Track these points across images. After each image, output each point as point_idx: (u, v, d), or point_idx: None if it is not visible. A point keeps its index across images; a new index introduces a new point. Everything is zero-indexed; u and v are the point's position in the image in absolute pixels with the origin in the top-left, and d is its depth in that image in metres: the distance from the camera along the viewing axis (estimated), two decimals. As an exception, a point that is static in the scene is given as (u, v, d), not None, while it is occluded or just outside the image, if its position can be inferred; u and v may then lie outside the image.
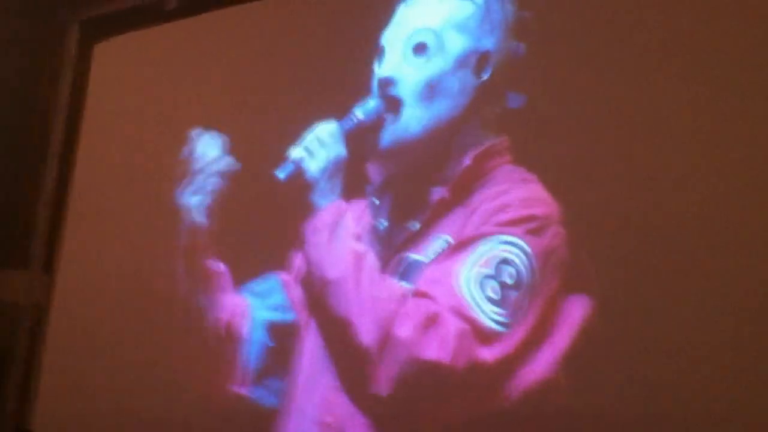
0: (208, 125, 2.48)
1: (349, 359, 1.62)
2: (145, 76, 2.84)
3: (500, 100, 1.75)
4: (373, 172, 1.81)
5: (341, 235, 1.64)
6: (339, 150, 1.70)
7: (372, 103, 1.75)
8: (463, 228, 1.67)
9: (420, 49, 1.74)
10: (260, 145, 2.29)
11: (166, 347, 2.40)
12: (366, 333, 1.57)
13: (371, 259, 1.63)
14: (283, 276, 1.97)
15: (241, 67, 2.50)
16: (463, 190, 1.72)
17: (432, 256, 1.69)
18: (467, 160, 1.71)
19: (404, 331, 1.56)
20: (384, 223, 1.80)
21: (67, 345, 2.79)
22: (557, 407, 1.59)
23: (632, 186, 1.63)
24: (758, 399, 1.44)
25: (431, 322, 1.56)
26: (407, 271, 1.71)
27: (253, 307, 1.96)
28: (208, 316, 1.97)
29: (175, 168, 2.50)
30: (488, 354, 1.56)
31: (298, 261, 1.94)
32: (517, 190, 1.67)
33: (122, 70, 2.94)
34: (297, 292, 1.90)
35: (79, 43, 3.11)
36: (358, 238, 1.65)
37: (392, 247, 1.75)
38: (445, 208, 1.72)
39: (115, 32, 2.99)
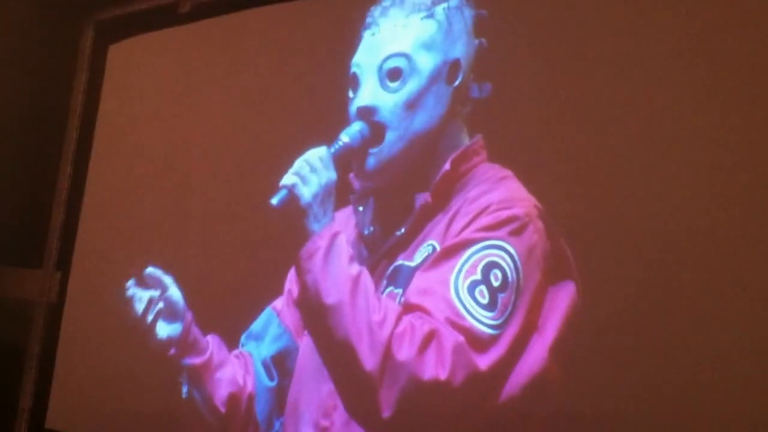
0: (219, 128, 2.51)
1: (352, 383, 1.64)
2: (159, 78, 2.86)
3: (470, 98, 1.82)
4: (355, 182, 1.84)
5: (335, 260, 1.64)
6: (330, 174, 1.71)
7: (356, 127, 1.78)
8: (446, 233, 1.70)
9: (394, 74, 1.77)
10: (269, 148, 2.32)
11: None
12: (367, 358, 1.58)
13: (366, 280, 1.64)
14: (276, 305, 1.99)
15: (254, 70, 2.52)
16: (444, 195, 1.75)
17: (419, 260, 1.72)
18: (447, 165, 1.75)
19: (403, 353, 1.57)
20: (370, 229, 1.83)
21: (81, 342, 2.81)
22: (552, 398, 1.63)
23: (607, 173, 1.70)
24: (745, 386, 1.50)
25: (428, 340, 1.57)
26: (395, 276, 1.74)
27: (254, 355, 1.98)
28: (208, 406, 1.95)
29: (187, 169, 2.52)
30: (483, 361, 1.58)
31: (288, 284, 1.97)
32: (495, 192, 1.70)
33: (136, 71, 2.95)
34: (290, 316, 1.94)
35: (93, 45, 3.13)
36: (352, 259, 1.66)
37: (379, 252, 1.79)
38: (428, 214, 1.75)
39: (130, 34, 3.01)
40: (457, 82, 1.79)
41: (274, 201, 1.66)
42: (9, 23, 3.19)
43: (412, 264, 1.74)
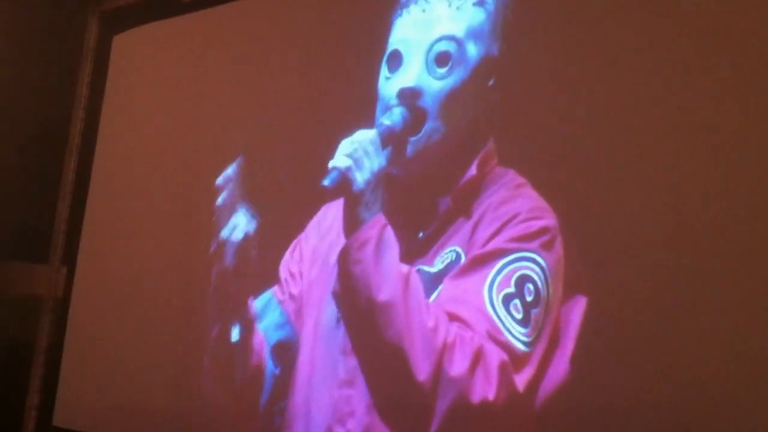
0: (225, 118, 2.47)
1: (398, 392, 1.57)
2: (164, 68, 2.83)
3: (499, 103, 1.76)
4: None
5: (387, 253, 1.56)
6: (381, 160, 1.63)
7: (398, 111, 1.69)
8: (471, 239, 1.64)
9: (443, 59, 1.69)
10: (275, 140, 2.28)
11: (184, 339, 2.39)
12: (419, 367, 1.50)
13: (416, 281, 1.56)
14: (277, 288, 1.94)
15: (259, 59, 2.48)
16: (466, 199, 1.69)
17: (440, 266, 1.66)
18: (473, 170, 1.69)
19: (455, 368, 1.50)
20: None
21: (88, 338, 2.80)
22: (574, 412, 1.59)
23: (620, 181, 1.63)
24: (753, 384, 1.44)
25: (478, 357, 1.51)
26: None
27: (264, 334, 1.94)
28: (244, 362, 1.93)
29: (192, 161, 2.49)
30: (520, 381, 1.53)
31: (283, 273, 1.94)
32: (519, 199, 1.65)
33: (141, 62, 2.93)
34: (290, 307, 1.89)
35: (98, 36, 3.10)
36: (400, 256, 1.59)
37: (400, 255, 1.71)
38: (450, 218, 1.69)
39: (134, 24, 2.98)
40: (491, 82, 1.73)
41: (327, 182, 1.58)
42: (13, 15, 3.16)
43: (433, 270, 1.68)
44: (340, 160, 1.60)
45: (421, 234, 1.71)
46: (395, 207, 1.75)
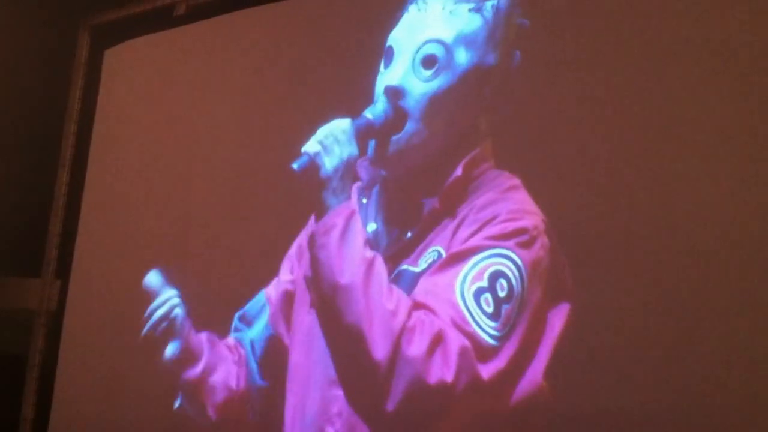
0: (218, 131, 2.49)
1: (358, 371, 1.59)
2: (156, 81, 2.84)
3: (493, 109, 1.76)
4: (363, 170, 1.78)
5: (351, 239, 1.58)
6: (352, 149, 1.65)
7: (380, 107, 1.71)
8: (452, 239, 1.66)
9: (429, 62, 1.71)
10: (267, 149, 2.29)
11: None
12: (376, 346, 1.53)
13: (380, 266, 1.59)
14: (270, 294, 1.96)
15: (251, 71, 2.49)
16: (452, 200, 1.70)
17: (423, 266, 1.68)
18: (459, 171, 1.70)
19: (413, 349, 1.52)
20: (374, 226, 1.78)
21: (82, 351, 2.79)
22: (547, 418, 1.61)
23: (616, 185, 1.66)
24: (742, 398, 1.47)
25: (437, 340, 1.53)
26: (398, 281, 1.69)
27: (247, 346, 1.95)
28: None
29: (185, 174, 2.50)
30: (485, 371, 1.54)
31: (287, 266, 1.94)
32: (504, 202, 1.66)
33: (133, 75, 2.93)
34: (281, 318, 1.90)
35: (89, 50, 3.11)
36: (366, 242, 1.61)
37: (383, 255, 1.70)
38: (435, 219, 1.70)
39: (125, 38, 2.99)
40: (484, 91, 1.73)
41: (295, 165, 1.60)
42: (4, 30, 3.17)
43: (417, 270, 1.70)
44: (311, 145, 1.63)
45: (409, 234, 1.73)
46: (384, 207, 1.78)
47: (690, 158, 1.60)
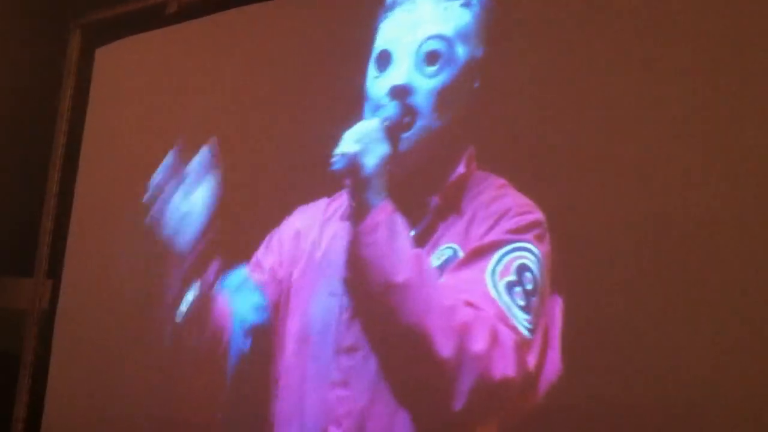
0: (209, 130, 2.48)
1: (419, 371, 1.58)
2: (147, 80, 2.83)
3: (481, 106, 1.77)
4: None
5: (399, 236, 1.59)
6: (387, 148, 1.67)
7: (392, 108, 1.72)
8: (467, 236, 1.66)
9: (432, 57, 1.72)
10: (257, 149, 2.29)
11: (170, 351, 2.39)
12: (441, 345, 1.52)
13: (429, 261, 1.59)
14: (255, 274, 1.95)
15: (243, 70, 2.49)
16: (455, 196, 1.72)
17: (437, 263, 1.68)
18: (461, 168, 1.71)
19: (477, 345, 1.52)
20: None
21: (74, 350, 2.79)
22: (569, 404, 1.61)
23: (598, 181, 1.65)
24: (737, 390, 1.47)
25: (495, 336, 1.53)
26: None
27: (234, 309, 1.94)
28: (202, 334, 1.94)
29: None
30: (531, 363, 1.55)
31: (261, 257, 1.94)
32: (508, 197, 1.68)
33: (124, 74, 2.93)
34: (272, 293, 1.89)
35: (80, 48, 3.10)
36: (413, 240, 1.61)
37: None
38: (441, 215, 1.72)
39: (116, 37, 2.98)
40: (477, 84, 1.75)
41: (336, 166, 1.61)
42: (-6, 30, 3.16)
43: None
44: (348, 146, 1.63)
45: (413, 232, 1.73)
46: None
47: (681, 153, 1.59)
